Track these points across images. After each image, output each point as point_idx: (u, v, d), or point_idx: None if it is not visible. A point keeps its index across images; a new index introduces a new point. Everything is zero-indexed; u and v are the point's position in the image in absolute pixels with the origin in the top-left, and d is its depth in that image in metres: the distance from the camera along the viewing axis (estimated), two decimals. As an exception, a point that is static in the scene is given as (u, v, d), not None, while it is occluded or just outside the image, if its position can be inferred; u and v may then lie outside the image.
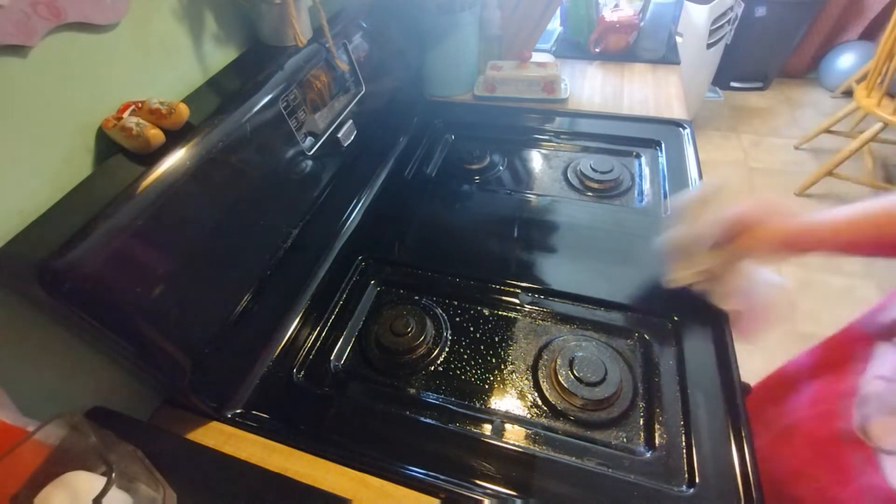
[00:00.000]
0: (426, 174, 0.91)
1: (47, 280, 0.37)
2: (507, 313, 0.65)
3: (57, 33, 0.43)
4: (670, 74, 1.11)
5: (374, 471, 0.50)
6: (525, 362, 0.60)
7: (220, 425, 0.55)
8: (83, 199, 0.44)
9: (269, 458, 0.52)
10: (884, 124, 1.72)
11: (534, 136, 0.97)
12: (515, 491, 0.48)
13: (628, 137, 0.92)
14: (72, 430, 0.39)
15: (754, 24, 2.31)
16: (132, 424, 0.52)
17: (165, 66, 0.55)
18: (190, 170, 0.48)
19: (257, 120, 0.56)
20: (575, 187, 0.85)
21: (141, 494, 0.40)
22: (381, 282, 0.72)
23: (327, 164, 0.71)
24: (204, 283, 0.51)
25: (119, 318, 0.43)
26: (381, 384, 0.60)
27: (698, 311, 0.61)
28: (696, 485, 0.48)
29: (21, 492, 0.37)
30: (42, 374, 0.47)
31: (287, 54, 0.63)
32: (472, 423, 0.54)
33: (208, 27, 0.60)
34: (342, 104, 0.74)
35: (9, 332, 0.43)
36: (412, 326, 0.61)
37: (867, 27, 2.41)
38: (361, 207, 0.82)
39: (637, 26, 1.15)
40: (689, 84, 1.94)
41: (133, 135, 0.46)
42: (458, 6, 0.94)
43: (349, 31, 0.75)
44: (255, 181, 0.57)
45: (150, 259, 0.45)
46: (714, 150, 2.30)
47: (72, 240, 0.39)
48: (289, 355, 0.62)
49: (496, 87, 1.04)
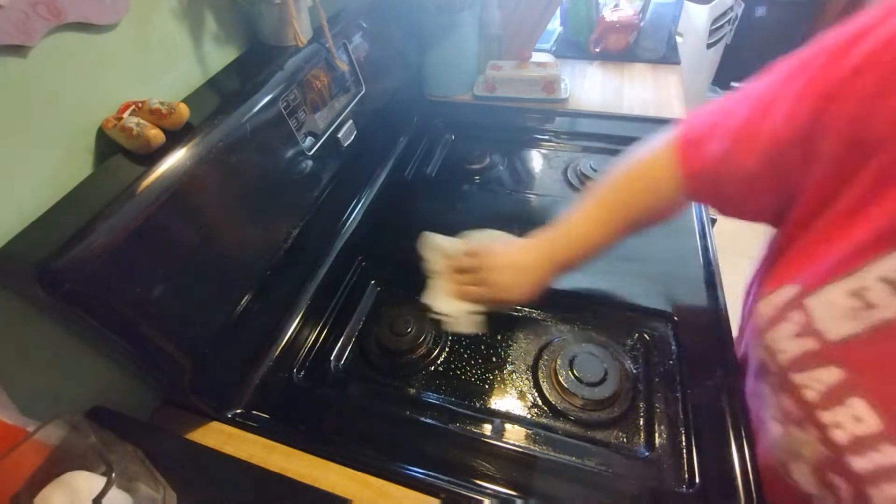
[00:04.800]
0: (426, 174, 0.91)
1: (47, 280, 0.37)
2: (508, 313, 0.65)
3: (57, 33, 0.43)
4: (670, 74, 1.11)
5: (374, 471, 0.50)
6: (525, 362, 0.60)
7: (220, 425, 0.55)
8: (83, 199, 0.44)
9: (269, 458, 0.52)
10: (884, 124, 1.72)
11: (534, 136, 0.97)
12: (515, 491, 0.48)
13: (628, 137, 0.92)
14: (72, 430, 0.39)
15: (754, 24, 2.31)
16: (132, 424, 0.52)
17: (165, 66, 0.55)
18: (190, 170, 0.48)
19: (257, 120, 0.56)
20: (575, 187, 0.85)
21: (141, 494, 0.40)
22: (381, 282, 0.72)
23: (327, 164, 0.71)
24: (204, 283, 0.51)
25: (119, 318, 0.43)
26: (381, 384, 0.60)
27: (698, 312, 0.61)
28: (696, 485, 0.48)
29: (21, 492, 0.37)
30: (42, 374, 0.47)
31: (287, 54, 0.63)
32: (473, 423, 0.54)
33: (208, 27, 0.60)
34: (342, 104, 0.74)
35: (9, 332, 0.43)
36: (412, 326, 0.61)
37: (867, 27, 2.41)
38: (361, 207, 0.82)
39: (637, 26, 1.15)
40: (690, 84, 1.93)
41: (133, 135, 0.46)
42: (458, 6, 0.94)
43: (349, 31, 0.75)
44: (255, 181, 0.57)
45: (150, 259, 0.45)
46: (714, 150, 2.30)
47: (72, 240, 0.39)
48: (289, 355, 0.62)
49: (496, 86, 1.04)
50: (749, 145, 0.37)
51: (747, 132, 0.38)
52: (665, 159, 0.45)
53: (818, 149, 0.33)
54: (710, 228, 0.72)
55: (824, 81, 0.32)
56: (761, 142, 0.36)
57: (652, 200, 0.48)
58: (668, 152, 0.45)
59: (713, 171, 0.41)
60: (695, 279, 0.65)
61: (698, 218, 0.74)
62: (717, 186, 0.42)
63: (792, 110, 0.34)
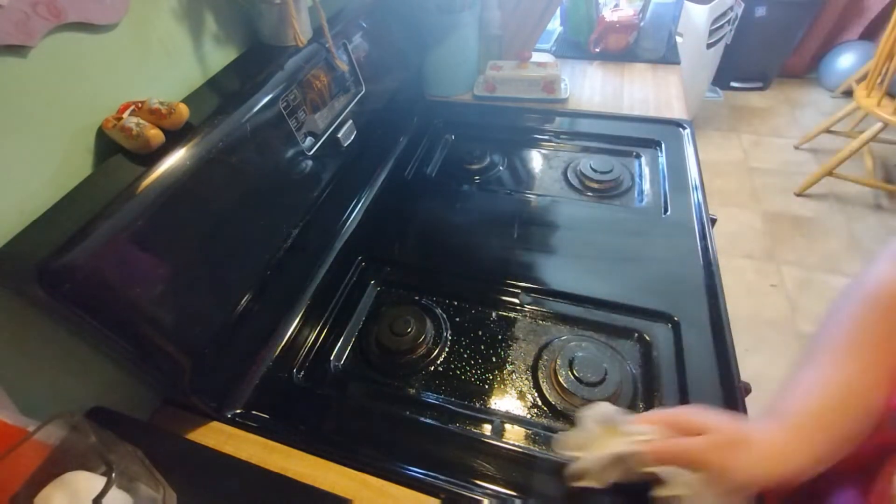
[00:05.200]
0: (426, 174, 0.91)
1: (47, 280, 0.37)
2: (507, 313, 0.65)
3: (57, 33, 0.43)
4: (670, 74, 1.11)
5: (374, 471, 0.50)
6: (525, 362, 0.60)
7: (220, 425, 0.55)
8: (83, 199, 0.44)
9: (269, 458, 0.52)
10: (884, 124, 1.72)
11: (534, 136, 0.97)
12: (515, 491, 0.48)
13: (628, 137, 0.92)
14: (72, 430, 0.39)
15: (754, 24, 2.31)
16: (132, 424, 0.52)
17: (165, 66, 0.55)
18: (190, 170, 0.48)
19: (257, 120, 0.56)
20: (575, 187, 0.85)
21: (141, 494, 0.40)
22: (380, 282, 0.72)
23: (327, 164, 0.71)
24: (204, 283, 0.51)
25: (119, 319, 0.43)
26: (381, 384, 0.60)
27: (698, 312, 0.61)
28: (696, 485, 0.47)
29: (21, 492, 0.37)
30: (42, 374, 0.47)
31: (287, 54, 0.63)
32: (472, 424, 0.54)
33: (208, 27, 0.60)
34: (342, 104, 0.74)
35: (9, 332, 0.43)
36: (412, 326, 0.61)
37: (867, 27, 2.42)
38: (361, 207, 0.82)
39: (637, 26, 1.15)
40: (690, 84, 1.94)
41: (133, 135, 0.46)
42: (458, 6, 0.94)
43: (349, 31, 0.75)
44: (255, 181, 0.57)
45: (150, 259, 0.45)
46: (714, 150, 2.30)
47: (72, 240, 0.39)
48: (289, 355, 0.62)
49: (496, 86, 1.04)
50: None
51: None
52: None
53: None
54: (710, 228, 0.72)
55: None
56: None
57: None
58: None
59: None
60: (695, 279, 0.65)
61: (698, 218, 0.74)
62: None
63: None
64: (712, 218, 0.77)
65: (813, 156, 2.22)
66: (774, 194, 2.04)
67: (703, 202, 0.76)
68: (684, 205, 0.77)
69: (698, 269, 0.67)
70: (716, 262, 0.67)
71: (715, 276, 0.65)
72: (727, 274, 0.66)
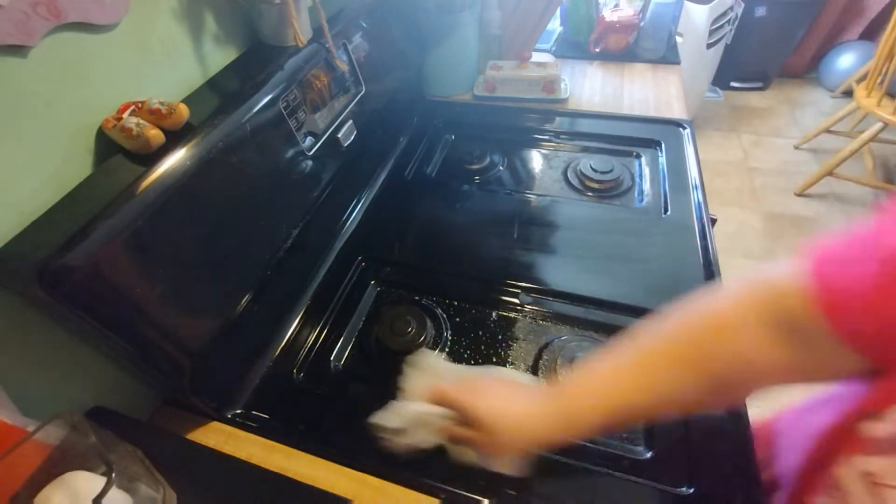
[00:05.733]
0: (426, 174, 0.91)
1: (47, 280, 0.37)
2: (508, 313, 0.65)
3: (57, 33, 0.43)
4: (670, 74, 1.11)
5: (374, 471, 0.50)
6: (525, 362, 0.60)
7: (220, 425, 0.55)
8: (83, 199, 0.44)
9: (269, 458, 0.52)
10: (884, 124, 1.72)
11: (534, 136, 0.97)
12: (515, 491, 0.48)
13: (628, 137, 0.92)
14: (72, 430, 0.39)
15: (754, 24, 2.31)
16: (132, 424, 0.52)
17: (165, 66, 0.55)
18: (190, 170, 0.48)
19: (257, 120, 0.56)
20: (575, 187, 0.85)
21: (141, 494, 0.40)
22: (380, 282, 0.72)
23: (327, 164, 0.71)
24: (204, 283, 0.51)
25: (119, 319, 0.43)
26: (382, 384, 0.59)
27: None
28: (696, 485, 0.48)
29: (21, 492, 0.37)
30: (42, 374, 0.47)
31: (287, 54, 0.63)
32: (472, 423, 0.54)
33: (208, 27, 0.60)
34: (342, 104, 0.74)
35: (9, 332, 0.43)
36: (412, 326, 0.61)
37: (867, 27, 2.41)
38: (361, 207, 0.82)
39: (637, 26, 1.15)
40: (689, 84, 1.93)
41: (133, 135, 0.46)
42: (458, 6, 0.94)
43: (349, 31, 0.75)
44: (255, 181, 0.57)
45: (150, 259, 0.45)
46: (714, 150, 2.30)
47: (72, 240, 0.39)
48: (289, 355, 0.62)
49: (496, 86, 1.04)
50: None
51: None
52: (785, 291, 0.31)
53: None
54: (710, 228, 0.72)
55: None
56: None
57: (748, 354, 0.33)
58: (787, 281, 0.32)
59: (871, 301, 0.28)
60: (695, 279, 0.65)
61: (698, 218, 0.74)
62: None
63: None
64: (712, 218, 0.77)
65: (813, 156, 2.21)
66: (774, 194, 2.04)
67: (703, 202, 0.76)
68: (684, 205, 0.77)
69: (698, 268, 0.67)
70: (716, 262, 0.67)
71: (715, 275, 0.65)
72: (727, 274, 0.66)
